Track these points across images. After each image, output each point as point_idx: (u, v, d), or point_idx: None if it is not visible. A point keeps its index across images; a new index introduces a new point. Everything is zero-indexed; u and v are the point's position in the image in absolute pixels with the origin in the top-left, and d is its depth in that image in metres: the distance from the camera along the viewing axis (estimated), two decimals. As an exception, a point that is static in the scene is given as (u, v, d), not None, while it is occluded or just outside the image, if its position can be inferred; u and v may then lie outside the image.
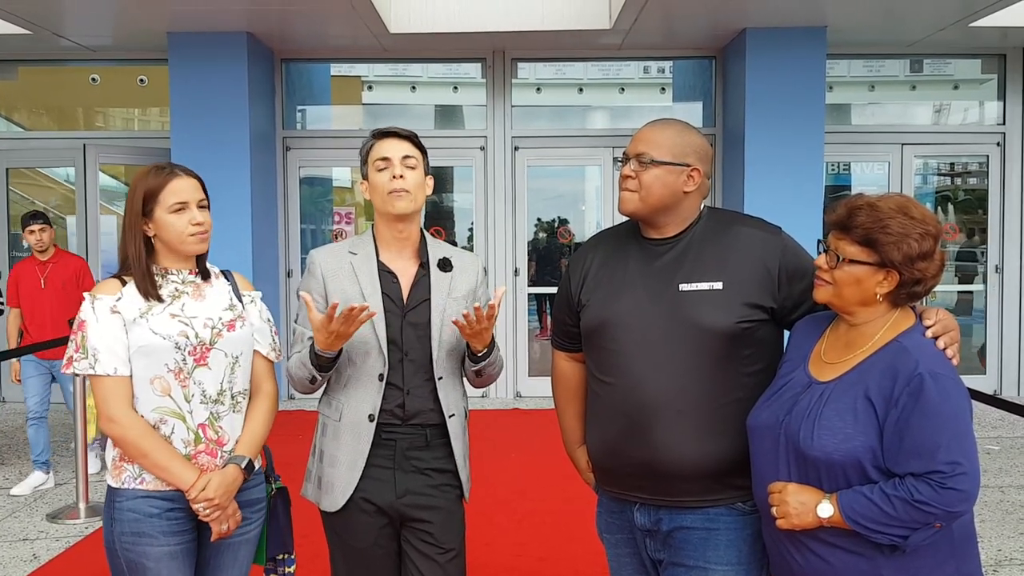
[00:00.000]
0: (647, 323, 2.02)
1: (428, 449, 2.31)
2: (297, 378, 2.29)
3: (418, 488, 2.29)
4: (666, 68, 8.41)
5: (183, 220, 2.16)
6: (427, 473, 2.31)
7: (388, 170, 2.30)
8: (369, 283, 2.29)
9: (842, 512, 1.74)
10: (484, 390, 7.67)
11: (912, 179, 7.96)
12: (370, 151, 2.35)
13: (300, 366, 2.26)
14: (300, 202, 7.91)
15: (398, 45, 7.42)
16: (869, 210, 1.80)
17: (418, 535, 2.30)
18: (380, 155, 2.31)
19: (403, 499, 2.28)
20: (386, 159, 2.30)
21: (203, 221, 2.19)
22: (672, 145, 2.04)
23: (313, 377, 2.25)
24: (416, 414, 2.29)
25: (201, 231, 2.19)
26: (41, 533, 4.49)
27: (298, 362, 2.27)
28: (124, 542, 2.11)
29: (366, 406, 2.27)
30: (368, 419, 2.26)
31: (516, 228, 7.82)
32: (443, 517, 2.31)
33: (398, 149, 2.31)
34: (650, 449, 1.99)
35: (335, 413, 2.31)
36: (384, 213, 2.33)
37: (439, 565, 2.29)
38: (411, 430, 2.29)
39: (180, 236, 2.17)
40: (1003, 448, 6.09)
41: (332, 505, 2.29)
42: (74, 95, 8.36)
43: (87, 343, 2.11)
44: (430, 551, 2.29)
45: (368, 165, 2.35)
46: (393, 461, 2.28)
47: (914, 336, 1.80)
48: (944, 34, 7.08)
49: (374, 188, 2.33)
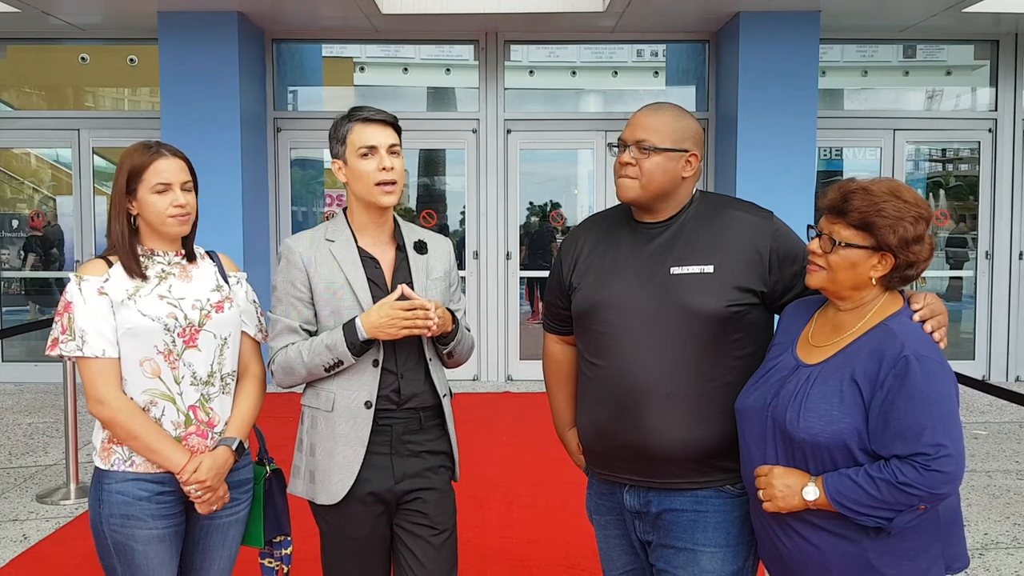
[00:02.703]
0: (638, 306, 2.02)
1: (422, 432, 2.31)
2: (309, 366, 2.20)
3: (414, 471, 2.28)
4: (659, 52, 8.38)
5: (165, 201, 2.13)
6: (422, 456, 2.30)
7: (374, 159, 2.24)
8: (353, 270, 2.25)
9: (827, 494, 1.75)
10: (476, 373, 7.71)
11: (904, 165, 7.97)
12: (349, 134, 2.27)
13: (320, 352, 2.18)
14: (291, 184, 7.87)
15: (390, 26, 7.37)
16: (863, 194, 1.80)
17: (412, 517, 2.29)
18: (366, 143, 2.24)
19: (400, 484, 2.27)
20: (372, 147, 2.24)
21: (185, 203, 2.15)
22: (671, 131, 2.04)
23: (337, 363, 2.18)
24: (411, 397, 2.28)
25: (182, 213, 2.15)
26: (31, 514, 4.49)
27: (318, 348, 2.18)
28: (112, 524, 2.11)
29: (362, 393, 2.23)
30: (365, 406, 2.23)
31: (508, 212, 7.80)
32: (437, 497, 2.31)
33: (384, 137, 2.26)
34: (640, 432, 2.00)
35: (325, 404, 2.25)
36: (369, 203, 2.27)
37: (433, 546, 2.29)
38: (406, 414, 2.28)
39: (161, 217, 2.14)
40: (991, 433, 6.14)
41: (331, 498, 2.23)
42: (64, 74, 8.29)
43: (74, 325, 2.09)
44: (424, 532, 2.29)
45: (346, 147, 2.27)
46: (390, 446, 2.26)
47: (901, 319, 1.80)
48: (937, 20, 7.07)
49: (357, 176, 2.25)
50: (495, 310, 7.74)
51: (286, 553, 2.42)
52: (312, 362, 2.20)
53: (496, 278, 7.79)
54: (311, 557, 3.60)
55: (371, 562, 2.31)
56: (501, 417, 6.51)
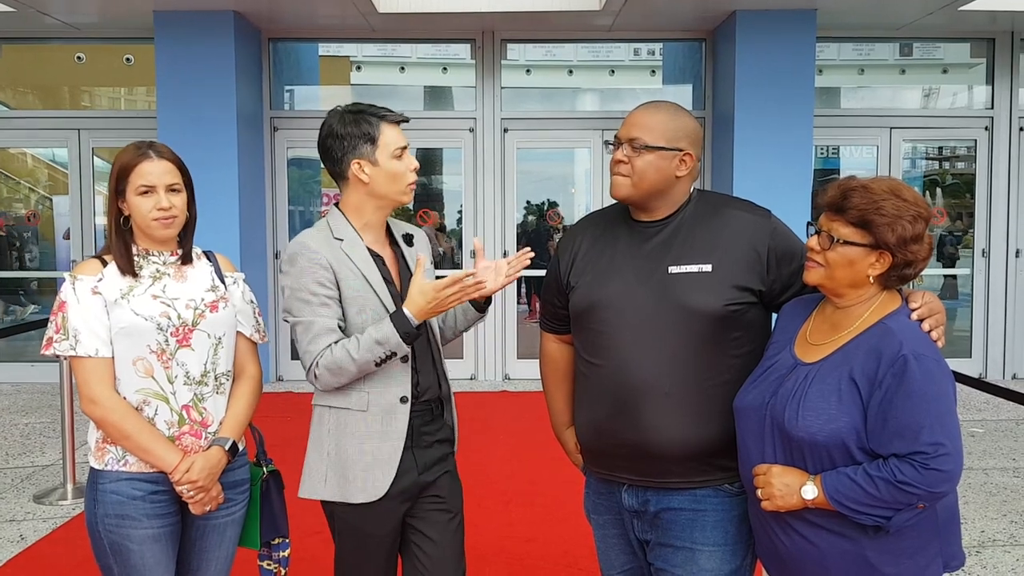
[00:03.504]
0: (636, 305, 2.02)
1: (434, 422, 2.35)
2: (361, 363, 2.14)
3: (431, 461, 2.32)
4: (656, 50, 8.38)
5: (148, 204, 2.12)
6: (435, 445, 2.34)
7: (405, 160, 2.28)
8: (370, 269, 2.26)
9: (826, 493, 1.75)
10: (473, 372, 7.73)
11: (900, 163, 7.98)
12: (381, 135, 2.24)
13: (370, 347, 2.13)
14: (288, 183, 7.86)
15: (387, 25, 7.36)
16: (863, 192, 1.80)
17: (430, 503, 2.33)
18: (399, 144, 2.26)
19: (423, 475, 2.30)
20: (404, 148, 2.28)
21: (169, 206, 2.13)
22: (665, 130, 2.03)
23: (390, 355, 2.16)
24: (427, 390, 2.32)
25: (164, 216, 2.13)
26: (28, 514, 4.48)
27: (368, 344, 2.13)
28: (107, 524, 2.10)
29: (396, 389, 2.24)
30: (400, 401, 2.25)
31: (505, 211, 7.80)
32: (450, 481, 2.37)
33: (405, 138, 2.31)
34: (638, 430, 2.00)
35: (358, 403, 2.23)
36: (393, 203, 2.31)
37: (450, 530, 2.34)
38: (422, 407, 2.31)
39: (145, 219, 2.14)
40: (987, 431, 6.15)
41: (370, 495, 2.21)
42: (59, 74, 8.27)
43: (68, 324, 2.09)
44: (442, 518, 2.33)
45: (377, 147, 2.24)
46: (412, 440, 2.28)
47: (899, 318, 1.80)
48: (933, 18, 7.08)
49: (391, 177, 2.25)
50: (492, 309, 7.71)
51: (284, 555, 2.41)
52: (363, 358, 2.15)
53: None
54: (308, 558, 3.60)
55: (385, 560, 2.32)
56: (498, 416, 6.51)
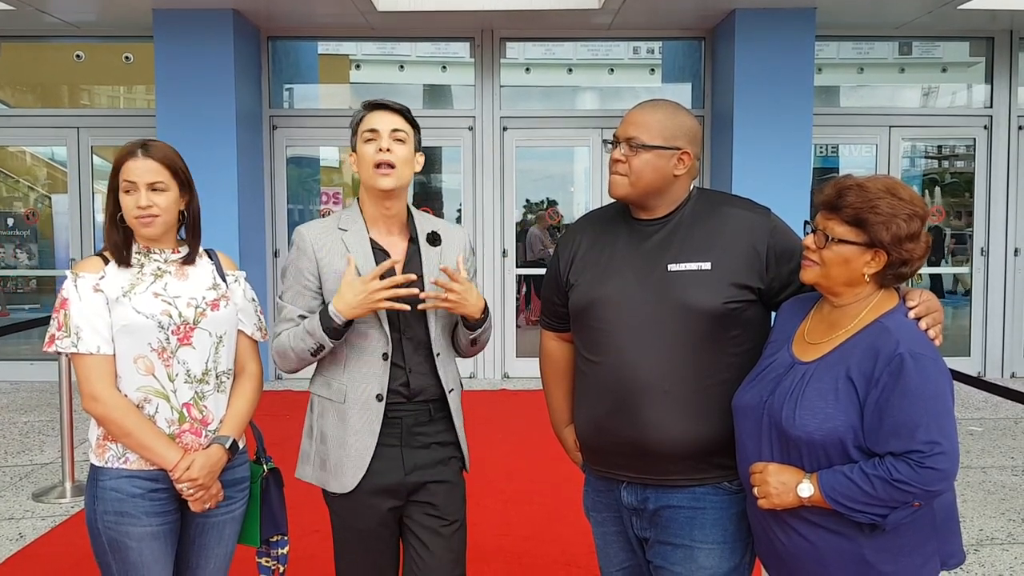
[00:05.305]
0: (635, 303, 2.02)
1: (431, 423, 2.32)
2: (296, 351, 2.22)
3: (425, 463, 2.30)
4: (655, 49, 8.37)
5: (130, 202, 2.13)
6: (431, 447, 2.32)
7: (375, 142, 2.24)
8: (364, 261, 2.25)
9: (822, 491, 1.75)
10: (472, 371, 7.71)
11: (900, 162, 7.98)
12: (360, 122, 2.29)
13: (303, 337, 2.19)
14: (287, 182, 7.86)
15: (386, 23, 7.36)
16: (858, 190, 1.80)
17: (422, 508, 2.30)
18: (368, 126, 2.26)
19: (411, 475, 2.28)
20: (374, 131, 2.25)
21: (147, 205, 2.12)
22: (662, 128, 2.03)
23: (319, 347, 2.19)
24: (420, 391, 2.30)
25: (143, 215, 2.13)
26: (27, 512, 4.48)
27: (301, 333, 2.20)
28: (107, 521, 2.11)
29: (373, 386, 2.24)
30: (376, 399, 2.24)
31: (504, 209, 7.80)
32: (447, 489, 2.33)
33: (387, 122, 2.26)
34: (637, 428, 2.00)
35: (337, 395, 2.26)
36: (369, 188, 2.28)
37: (443, 537, 2.30)
38: (416, 406, 2.29)
39: (128, 218, 2.15)
40: (986, 429, 6.15)
41: (342, 487, 2.25)
42: (59, 72, 8.26)
43: (70, 321, 2.10)
44: (434, 524, 2.30)
45: (357, 136, 2.30)
46: (400, 439, 2.27)
47: (896, 317, 1.81)
48: (932, 17, 7.08)
49: (361, 160, 2.27)
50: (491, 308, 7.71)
51: (282, 553, 2.42)
52: (297, 347, 2.22)
53: (492, 276, 7.78)
54: (308, 555, 3.60)
55: (379, 554, 2.32)
56: (498, 415, 6.51)
